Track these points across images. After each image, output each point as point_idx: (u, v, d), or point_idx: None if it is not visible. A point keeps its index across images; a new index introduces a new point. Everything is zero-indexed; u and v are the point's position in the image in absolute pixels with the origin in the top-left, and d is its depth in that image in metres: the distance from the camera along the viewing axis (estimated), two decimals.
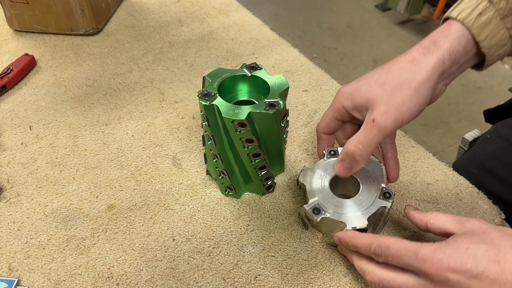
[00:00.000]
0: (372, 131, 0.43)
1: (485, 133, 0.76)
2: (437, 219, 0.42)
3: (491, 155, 0.72)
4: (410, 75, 0.43)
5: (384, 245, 0.40)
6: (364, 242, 0.42)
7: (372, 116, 0.43)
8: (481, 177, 0.71)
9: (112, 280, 0.46)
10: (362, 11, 2.66)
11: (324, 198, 0.47)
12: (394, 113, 0.43)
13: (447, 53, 0.43)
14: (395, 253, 0.39)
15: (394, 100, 0.43)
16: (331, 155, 0.51)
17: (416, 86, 0.43)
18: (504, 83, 2.13)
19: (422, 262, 0.37)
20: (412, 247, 0.38)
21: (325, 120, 0.51)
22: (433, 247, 0.38)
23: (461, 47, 0.44)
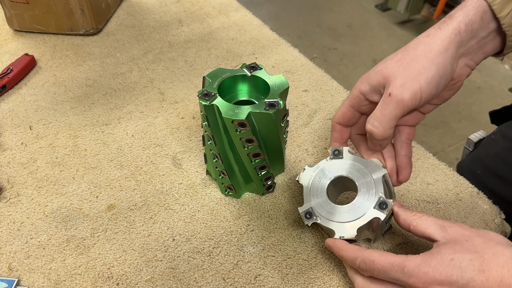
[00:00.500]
0: (388, 105, 0.42)
1: (490, 134, 0.76)
2: (421, 222, 0.41)
3: (496, 156, 0.72)
4: (425, 47, 0.42)
5: (368, 261, 0.39)
6: (349, 255, 0.41)
7: (389, 90, 0.42)
8: (485, 178, 0.71)
9: (112, 280, 0.46)
10: (362, 11, 2.66)
11: (319, 202, 0.46)
12: (411, 85, 0.41)
13: (463, 23, 0.41)
14: (381, 268, 0.39)
15: (410, 71, 0.41)
16: (335, 155, 0.49)
17: (432, 56, 0.41)
18: (504, 83, 2.13)
19: (408, 276, 0.37)
20: (397, 261, 0.38)
21: (341, 109, 0.49)
22: (418, 260, 0.37)
23: (477, 17, 0.41)
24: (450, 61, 0.42)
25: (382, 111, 0.43)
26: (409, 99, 0.41)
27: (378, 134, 0.43)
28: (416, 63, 0.41)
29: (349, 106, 0.48)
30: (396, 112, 0.42)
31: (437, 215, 0.53)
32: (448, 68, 0.42)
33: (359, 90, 0.47)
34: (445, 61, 0.41)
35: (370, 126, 0.44)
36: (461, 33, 0.41)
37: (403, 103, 0.41)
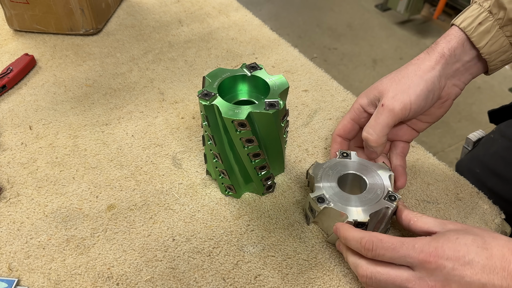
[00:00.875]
0: (381, 114, 0.48)
1: (489, 133, 0.76)
2: (421, 219, 0.44)
3: (495, 155, 0.72)
4: (415, 67, 0.49)
5: (376, 239, 0.40)
6: (356, 235, 0.42)
7: (382, 101, 0.48)
8: (484, 177, 0.71)
9: (112, 280, 0.46)
10: (362, 11, 2.66)
11: (331, 190, 0.48)
12: (401, 96, 0.47)
13: (446, 48, 0.48)
14: (390, 246, 0.39)
15: (401, 86, 0.48)
16: (343, 156, 0.52)
17: (421, 73, 0.48)
18: (504, 83, 2.13)
19: (419, 252, 0.38)
20: (407, 240, 0.40)
21: (342, 122, 0.55)
22: (427, 239, 0.40)
23: (459, 45, 0.48)
24: (437, 78, 0.48)
25: (376, 120, 0.49)
26: (399, 109, 0.47)
27: (372, 140, 0.49)
28: (407, 79, 0.48)
29: (349, 119, 0.54)
30: (388, 121, 0.48)
31: (437, 215, 0.53)
32: (436, 84, 0.48)
33: (359, 103, 0.53)
34: (433, 78, 0.48)
35: (365, 133, 0.50)
36: (445, 57, 0.48)
37: (394, 112, 0.47)
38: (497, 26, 0.47)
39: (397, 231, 0.51)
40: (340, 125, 0.55)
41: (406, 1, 2.41)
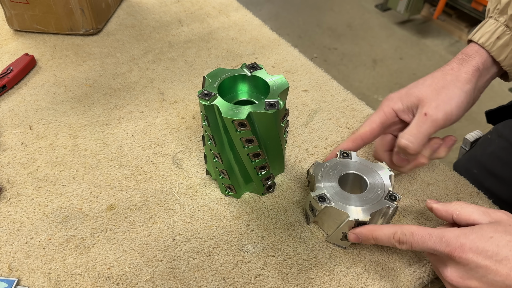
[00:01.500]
0: (424, 123, 0.48)
1: (486, 133, 0.77)
2: (463, 210, 0.43)
3: (492, 155, 0.72)
4: (453, 77, 0.49)
5: (408, 232, 0.41)
6: (386, 232, 0.43)
7: (424, 110, 0.48)
8: (481, 177, 0.71)
9: (112, 280, 0.46)
10: (362, 11, 2.66)
11: (332, 190, 0.48)
12: (444, 107, 0.48)
13: (480, 62, 0.50)
14: (420, 239, 0.40)
15: (443, 96, 0.48)
16: (344, 156, 0.52)
17: (461, 85, 0.49)
18: (504, 83, 2.13)
19: (446, 245, 0.39)
20: (436, 232, 0.40)
21: (370, 125, 0.52)
22: (457, 232, 0.39)
23: (486, 60, 0.50)
24: (473, 90, 0.49)
25: (418, 129, 0.48)
26: (442, 119, 0.48)
27: (412, 149, 0.48)
28: (448, 90, 0.48)
29: (380, 123, 0.52)
30: (430, 130, 0.48)
31: None
32: (472, 96, 0.50)
33: (392, 108, 0.51)
34: (470, 90, 0.49)
35: (405, 141, 0.48)
36: (479, 70, 0.50)
37: (437, 122, 0.48)
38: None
39: None
40: (367, 127, 0.52)
41: (406, 1, 2.41)
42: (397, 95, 0.52)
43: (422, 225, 0.51)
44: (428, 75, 0.51)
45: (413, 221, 0.52)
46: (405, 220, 0.52)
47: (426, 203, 0.47)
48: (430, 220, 0.52)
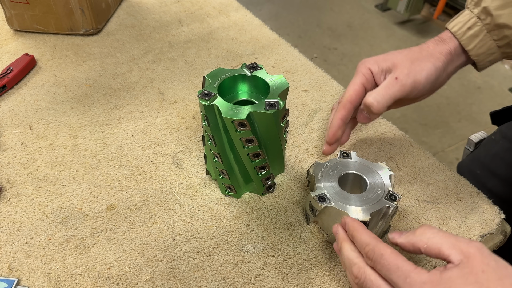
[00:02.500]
0: (393, 86, 0.50)
1: (490, 134, 0.77)
2: (430, 242, 0.38)
3: (495, 156, 0.72)
4: (428, 53, 0.52)
5: (378, 253, 0.38)
6: (362, 239, 0.40)
7: (395, 75, 0.50)
8: (484, 178, 0.71)
9: (112, 280, 0.46)
10: (362, 11, 2.66)
11: (332, 190, 0.48)
12: (414, 75, 0.50)
13: (453, 48, 0.52)
14: (386, 265, 0.37)
15: (415, 66, 0.51)
16: (344, 156, 0.52)
17: (434, 60, 0.51)
18: (504, 83, 2.13)
19: (408, 287, 0.35)
20: (405, 267, 0.36)
21: (353, 87, 0.53)
22: (424, 277, 0.35)
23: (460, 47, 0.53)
24: (443, 70, 0.52)
25: (386, 90, 0.50)
26: (410, 85, 0.50)
27: (376, 108, 0.50)
28: (421, 62, 0.51)
29: (360, 83, 0.53)
30: (396, 94, 0.50)
31: (437, 215, 0.53)
32: (442, 74, 0.52)
33: (369, 68, 0.53)
34: (441, 68, 0.51)
35: (371, 99, 0.50)
36: (451, 54, 0.52)
37: (405, 87, 0.50)
38: (485, 30, 0.50)
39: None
40: (351, 90, 0.53)
41: (406, 1, 2.41)
42: (373, 58, 0.54)
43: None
44: (406, 48, 0.54)
45: (413, 221, 0.52)
46: (405, 220, 0.52)
47: (389, 239, 0.42)
48: (430, 221, 0.53)
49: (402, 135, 0.64)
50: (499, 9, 0.49)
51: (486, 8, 0.50)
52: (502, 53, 0.52)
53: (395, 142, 0.63)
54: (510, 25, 0.49)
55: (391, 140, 0.63)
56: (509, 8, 0.49)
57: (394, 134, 0.64)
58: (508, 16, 0.49)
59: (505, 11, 0.49)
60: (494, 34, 0.50)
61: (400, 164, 0.60)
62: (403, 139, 0.63)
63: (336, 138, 0.53)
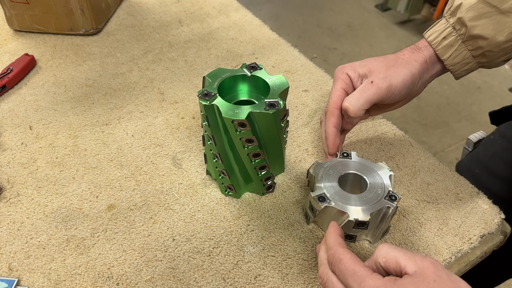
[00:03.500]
0: (369, 90, 0.51)
1: (489, 134, 0.77)
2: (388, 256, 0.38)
3: (494, 156, 0.72)
4: (404, 61, 0.53)
5: (337, 258, 0.39)
6: (328, 243, 0.41)
7: (371, 79, 0.52)
8: (483, 178, 0.71)
9: (112, 280, 0.46)
10: (362, 11, 2.66)
11: (332, 190, 0.48)
12: (390, 79, 0.51)
13: (428, 56, 0.54)
14: (343, 270, 0.38)
15: (391, 71, 0.52)
16: (344, 156, 0.52)
17: (410, 67, 0.52)
18: (504, 83, 2.13)
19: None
20: (360, 272, 0.37)
21: (335, 93, 0.54)
22: (379, 282, 0.36)
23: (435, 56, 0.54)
24: (419, 77, 0.53)
25: (362, 93, 0.51)
26: (385, 89, 0.51)
27: (352, 111, 0.51)
28: (397, 68, 0.52)
29: (341, 88, 0.54)
30: (372, 97, 0.51)
31: (437, 215, 0.53)
32: (416, 81, 0.53)
33: (347, 74, 0.54)
34: (416, 75, 0.53)
35: (347, 103, 0.51)
36: (427, 63, 0.54)
37: (380, 90, 0.51)
38: (460, 40, 0.51)
39: (397, 231, 0.51)
40: (334, 97, 0.54)
41: (406, 1, 2.41)
42: (350, 64, 0.55)
43: (422, 227, 0.52)
44: (382, 56, 0.55)
45: (413, 221, 0.52)
46: (405, 220, 0.52)
47: None
48: (430, 221, 0.53)
49: (402, 135, 0.64)
50: (474, 20, 0.49)
51: (461, 18, 0.50)
52: (477, 63, 0.53)
53: (395, 142, 0.63)
54: (484, 36, 0.49)
55: (391, 140, 0.63)
56: (483, 20, 0.49)
57: (394, 134, 0.64)
58: (482, 27, 0.49)
59: (479, 22, 0.49)
60: (468, 44, 0.51)
61: (400, 164, 0.60)
62: (403, 139, 0.63)
63: (337, 147, 0.54)
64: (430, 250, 0.49)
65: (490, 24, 0.49)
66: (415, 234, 0.51)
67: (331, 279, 0.40)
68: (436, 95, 2.02)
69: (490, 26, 0.49)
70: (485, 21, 0.49)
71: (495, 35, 0.49)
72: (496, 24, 0.49)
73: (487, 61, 0.52)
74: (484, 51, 0.51)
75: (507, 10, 0.48)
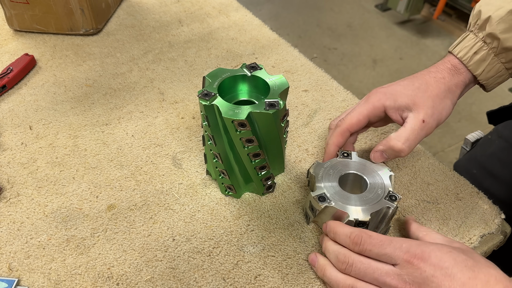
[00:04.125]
0: (422, 130, 0.49)
1: (487, 134, 0.77)
2: (429, 235, 0.45)
3: (492, 156, 0.72)
4: (446, 88, 0.51)
5: (366, 235, 0.41)
6: (345, 230, 0.43)
7: (422, 117, 0.49)
8: (481, 177, 0.71)
9: (112, 280, 0.46)
10: (362, 11, 2.66)
11: (332, 190, 0.48)
12: (438, 117, 0.50)
13: (468, 78, 0.52)
14: (378, 242, 0.40)
15: (438, 106, 0.50)
16: (344, 156, 0.52)
17: (451, 97, 0.51)
18: (504, 83, 2.13)
19: (405, 251, 0.39)
20: (396, 239, 0.40)
21: (357, 117, 0.52)
22: (418, 242, 0.40)
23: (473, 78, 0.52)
24: (455, 102, 0.52)
25: (416, 135, 0.49)
26: (433, 127, 0.50)
27: (406, 153, 0.49)
28: (442, 100, 0.50)
29: (367, 116, 0.52)
30: (423, 137, 0.49)
31: (437, 215, 0.53)
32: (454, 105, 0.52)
33: (383, 104, 0.51)
34: (455, 102, 0.52)
35: (401, 145, 0.49)
36: (466, 84, 0.52)
37: (430, 130, 0.50)
38: (492, 54, 0.50)
39: (397, 232, 0.51)
40: (354, 119, 0.52)
41: (406, 1, 2.41)
42: (389, 90, 0.52)
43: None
44: (417, 77, 0.52)
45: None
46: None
47: (406, 219, 0.49)
48: (430, 221, 0.53)
49: None
50: (505, 32, 0.49)
51: (492, 32, 0.49)
52: (510, 74, 0.52)
53: None
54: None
55: None
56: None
57: None
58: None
59: None
60: (501, 57, 0.50)
61: (400, 164, 0.60)
62: None
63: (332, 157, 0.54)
64: None
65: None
66: None
67: (358, 259, 0.41)
68: None
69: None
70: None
71: None
72: None
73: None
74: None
75: None
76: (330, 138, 0.54)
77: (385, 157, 0.51)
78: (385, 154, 0.51)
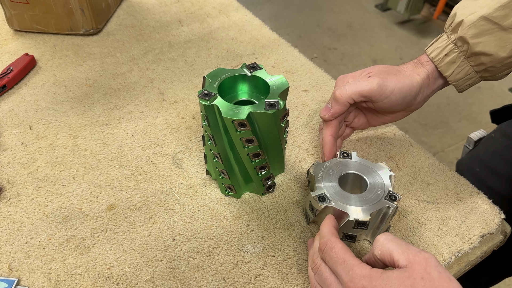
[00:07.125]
0: (363, 81, 0.52)
1: (490, 132, 0.77)
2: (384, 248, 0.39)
3: (494, 154, 0.73)
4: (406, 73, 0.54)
5: (329, 245, 0.40)
6: (322, 231, 0.43)
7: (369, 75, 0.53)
8: (484, 176, 0.71)
9: (112, 280, 0.46)
10: (362, 11, 2.66)
11: (332, 190, 0.48)
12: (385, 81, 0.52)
13: (430, 71, 0.54)
14: (333, 257, 0.39)
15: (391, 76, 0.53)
16: (344, 156, 0.53)
17: (411, 79, 0.53)
18: (504, 83, 2.13)
19: (349, 279, 0.37)
20: (350, 262, 0.38)
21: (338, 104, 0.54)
22: (365, 271, 0.37)
23: (437, 71, 0.54)
24: (417, 90, 0.54)
25: (355, 82, 0.52)
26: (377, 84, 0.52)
27: (339, 95, 0.52)
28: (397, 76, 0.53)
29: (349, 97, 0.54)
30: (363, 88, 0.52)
31: (437, 215, 0.53)
32: (416, 94, 0.54)
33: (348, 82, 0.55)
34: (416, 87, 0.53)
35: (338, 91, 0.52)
36: (429, 77, 0.54)
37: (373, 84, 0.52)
38: (462, 57, 0.52)
39: (397, 231, 0.51)
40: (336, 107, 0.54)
41: (406, 1, 2.41)
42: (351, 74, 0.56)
43: (422, 227, 0.52)
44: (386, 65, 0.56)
45: (413, 221, 0.52)
46: (405, 220, 0.52)
47: None
48: (431, 221, 0.53)
49: (402, 135, 0.64)
50: (476, 37, 0.50)
51: (463, 36, 0.50)
52: (480, 77, 0.53)
53: (395, 142, 0.63)
54: (487, 52, 0.50)
55: (391, 140, 0.63)
56: (485, 36, 0.49)
57: (394, 134, 0.64)
58: (484, 44, 0.49)
59: (481, 39, 0.49)
60: (471, 60, 0.51)
61: (400, 164, 0.60)
62: (403, 139, 0.63)
63: (333, 154, 0.54)
64: (430, 250, 0.49)
65: (492, 41, 0.49)
66: (415, 234, 0.51)
67: (323, 265, 0.41)
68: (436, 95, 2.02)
69: (492, 43, 0.49)
70: (487, 38, 0.49)
71: (497, 52, 0.49)
72: (499, 40, 0.49)
73: (489, 75, 0.52)
74: (486, 66, 0.51)
75: (508, 27, 0.48)
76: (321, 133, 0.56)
77: (329, 108, 0.54)
78: (329, 105, 0.54)
